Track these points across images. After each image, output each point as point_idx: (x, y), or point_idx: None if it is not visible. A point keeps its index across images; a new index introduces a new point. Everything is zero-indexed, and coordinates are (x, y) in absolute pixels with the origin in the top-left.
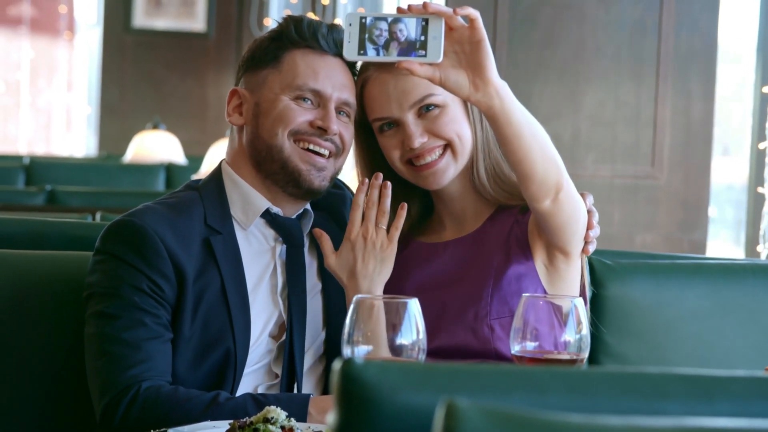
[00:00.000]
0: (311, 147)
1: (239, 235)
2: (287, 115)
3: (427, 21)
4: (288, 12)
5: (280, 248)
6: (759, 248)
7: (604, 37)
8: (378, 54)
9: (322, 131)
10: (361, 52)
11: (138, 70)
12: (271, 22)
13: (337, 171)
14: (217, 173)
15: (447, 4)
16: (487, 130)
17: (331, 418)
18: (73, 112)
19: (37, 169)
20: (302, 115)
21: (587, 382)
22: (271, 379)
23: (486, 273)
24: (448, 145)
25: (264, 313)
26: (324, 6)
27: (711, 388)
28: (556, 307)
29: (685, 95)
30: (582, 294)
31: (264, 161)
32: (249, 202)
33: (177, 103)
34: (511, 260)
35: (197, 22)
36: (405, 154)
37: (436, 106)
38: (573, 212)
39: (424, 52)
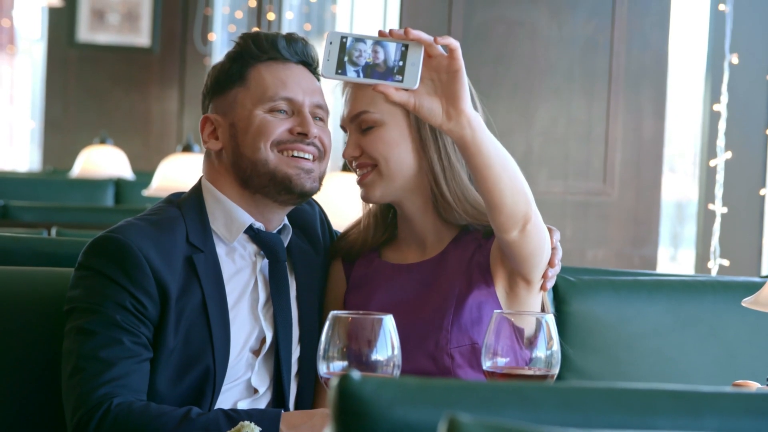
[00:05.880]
0: (296, 153)
1: (220, 251)
2: (266, 128)
3: (407, 47)
4: (233, 27)
5: (261, 263)
6: (710, 264)
7: (556, 54)
8: (355, 75)
9: (303, 136)
10: (339, 71)
11: (82, 85)
12: (214, 38)
13: (323, 173)
14: (198, 190)
15: (401, 23)
16: (452, 155)
17: None
18: (16, 127)
19: None
20: (280, 126)
21: (579, 397)
22: (250, 395)
23: (447, 301)
24: (376, 165)
25: (245, 328)
26: (270, 21)
27: (699, 404)
28: (526, 323)
29: (637, 112)
30: None
31: (251, 178)
32: (232, 218)
33: (121, 117)
34: (473, 287)
35: (142, 37)
36: (349, 160)
37: (368, 124)
38: (539, 244)
39: (401, 78)
